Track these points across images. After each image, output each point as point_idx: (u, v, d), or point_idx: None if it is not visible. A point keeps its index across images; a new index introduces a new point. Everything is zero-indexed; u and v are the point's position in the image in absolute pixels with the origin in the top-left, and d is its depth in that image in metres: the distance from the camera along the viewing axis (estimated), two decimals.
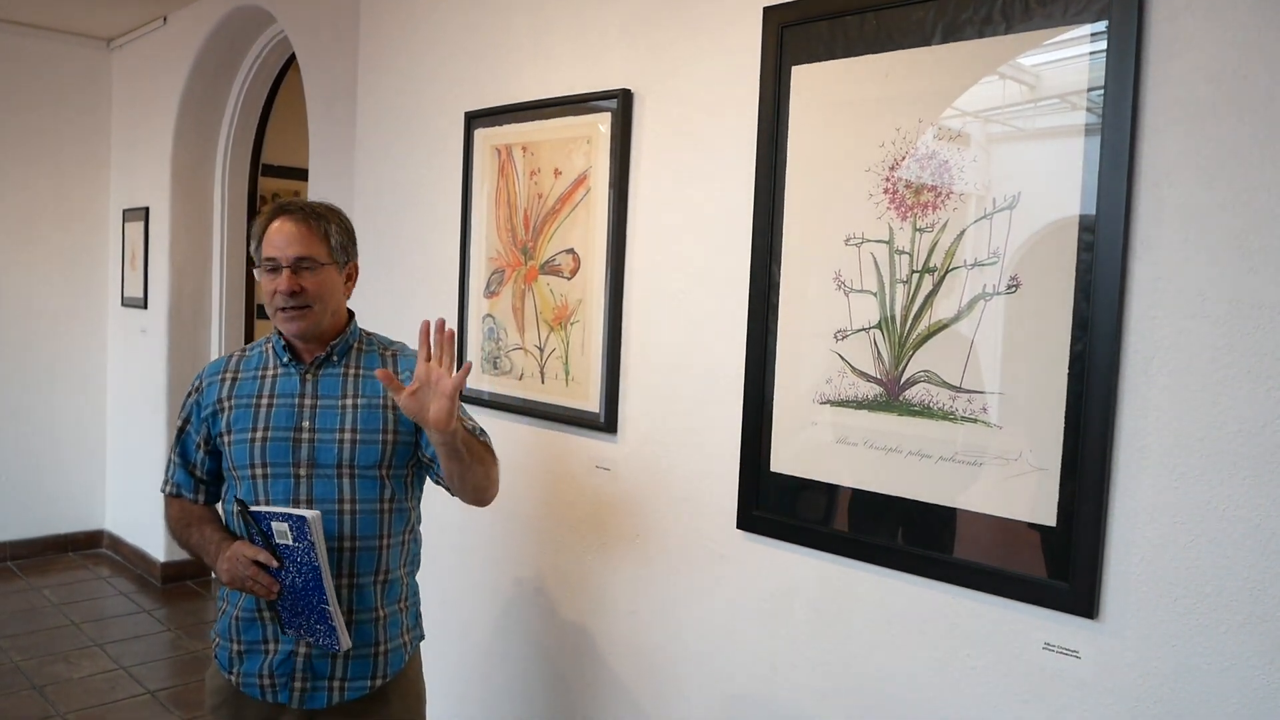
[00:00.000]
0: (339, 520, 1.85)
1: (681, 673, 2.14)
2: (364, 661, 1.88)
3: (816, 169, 1.83)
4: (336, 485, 1.86)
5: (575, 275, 2.35)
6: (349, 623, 1.84)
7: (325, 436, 1.87)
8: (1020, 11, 1.56)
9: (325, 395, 1.90)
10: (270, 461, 1.86)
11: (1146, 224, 1.44)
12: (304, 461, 1.86)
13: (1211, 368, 1.38)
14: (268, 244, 1.87)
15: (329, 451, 1.86)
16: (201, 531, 1.92)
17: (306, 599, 1.76)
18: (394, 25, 2.98)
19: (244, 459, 1.87)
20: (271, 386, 1.91)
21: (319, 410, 1.88)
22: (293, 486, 1.85)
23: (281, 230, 1.86)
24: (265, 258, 1.87)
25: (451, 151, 2.73)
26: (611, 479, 2.30)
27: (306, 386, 1.90)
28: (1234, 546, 1.37)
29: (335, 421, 1.88)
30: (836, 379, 1.80)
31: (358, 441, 1.87)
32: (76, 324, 5.56)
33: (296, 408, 1.89)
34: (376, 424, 1.89)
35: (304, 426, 1.87)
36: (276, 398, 1.90)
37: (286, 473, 1.85)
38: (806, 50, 1.84)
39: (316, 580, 1.73)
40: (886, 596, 1.76)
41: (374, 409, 1.90)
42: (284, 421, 1.87)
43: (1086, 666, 1.52)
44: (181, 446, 1.97)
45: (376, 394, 1.90)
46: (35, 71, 5.27)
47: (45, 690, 3.78)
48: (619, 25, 2.25)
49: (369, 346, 1.97)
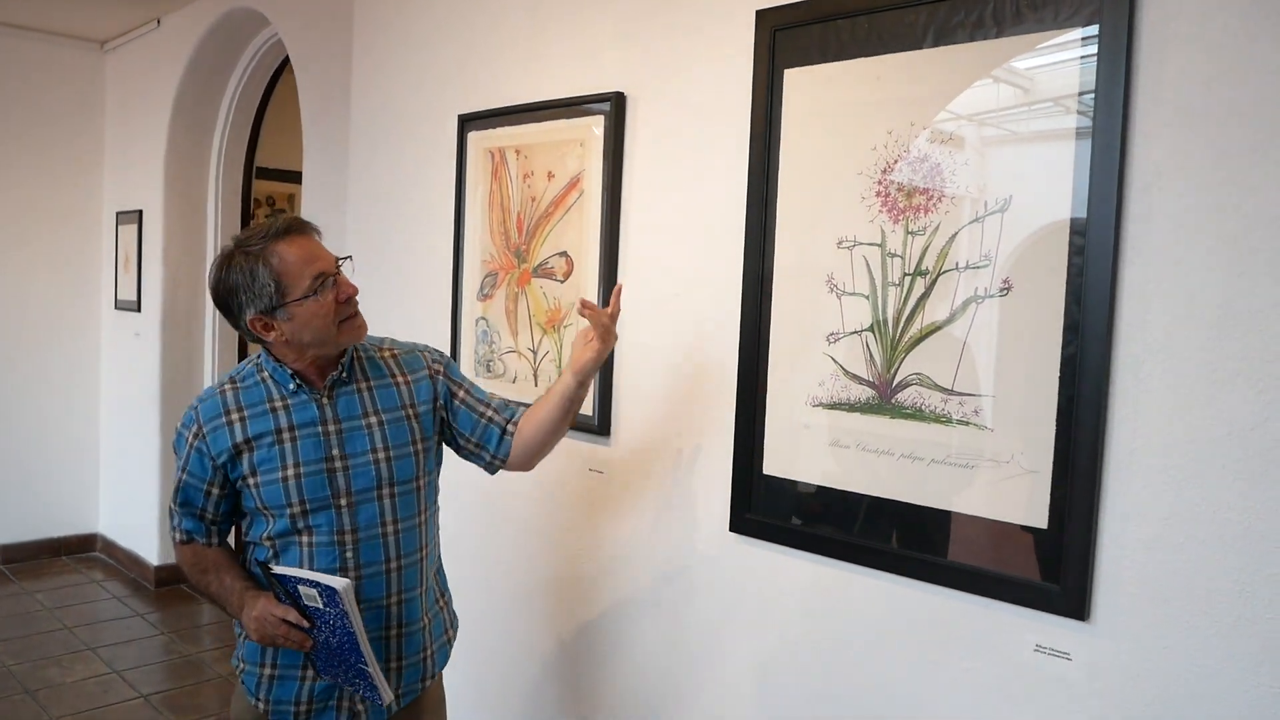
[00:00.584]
0: (384, 543, 1.81)
1: (674, 675, 2.14)
2: (415, 669, 1.88)
3: (809, 172, 1.84)
4: (378, 508, 1.81)
5: (568, 278, 2.35)
6: (399, 636, 1.83)
7: (359, 461, 1.80)
8: (1011, 15, 1.56)
9: (347, 417, 1.82)
10: (308, 498, 1.77)
11: (1137, 227, 1.44)
12: (342, 491, 1.78)
13: (1202, 370, 1.39)
14: (306, 264, 1.71)
15: (366, 476, 1.80)
16: (221, 580, 1.82)
17: (343, 657, 1.70)
18: (388, 28, 2.98)
19: (278, 499, 1.77)
20: (289, 418, 1.79)
21: (346, 435, 1.80)
22: (334, 518, 1.77)
23: (307, 245, 1.74)
24: (314, 278, 1.71)
25: (445, 154, 2.73)
26: (605, 482, 2.30)
27: (327, 412, 1.81)
28: (1224, 548, 1.37)
29: (365, 444, 1.81)
30: (829, 382, 1.80)
31: (392, 459, 1.83)
32: (69, 327, 5.55)
33: (322, 436, 1.79)
34: (405, 436, 1.85)
35: (334, 455, 1.79)
36: (299, 429, 1.78)
37: (326, 505, 1.78)
38: (799, 53, 1.85)
39: (352, 643, 1.67)
40: (879, 599, 1.77)
41: (399, 422, 1.85)
42: (313, 453, 1.78)
43: (1078, 668, 1.52)
44: (184, 496, 1.83)
45: (395, 404, 1.86)
46: (28, 73, 5.26)
47: (38, 694, 3.77)
48: (612, 28, 2.25)
49: (365, 353, 1.90)
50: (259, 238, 1.72)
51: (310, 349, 1.77)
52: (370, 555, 1.80)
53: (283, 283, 1.70)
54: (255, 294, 1.70)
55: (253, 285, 1.70)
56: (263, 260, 1.70)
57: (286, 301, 1.71)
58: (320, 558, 1.77)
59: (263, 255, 1.70)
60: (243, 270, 1.70)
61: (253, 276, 1.70)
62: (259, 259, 1.70)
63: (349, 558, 1.78)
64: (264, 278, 1.69)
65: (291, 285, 1.70)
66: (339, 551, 1.78)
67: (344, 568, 1.78)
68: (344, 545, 1.78)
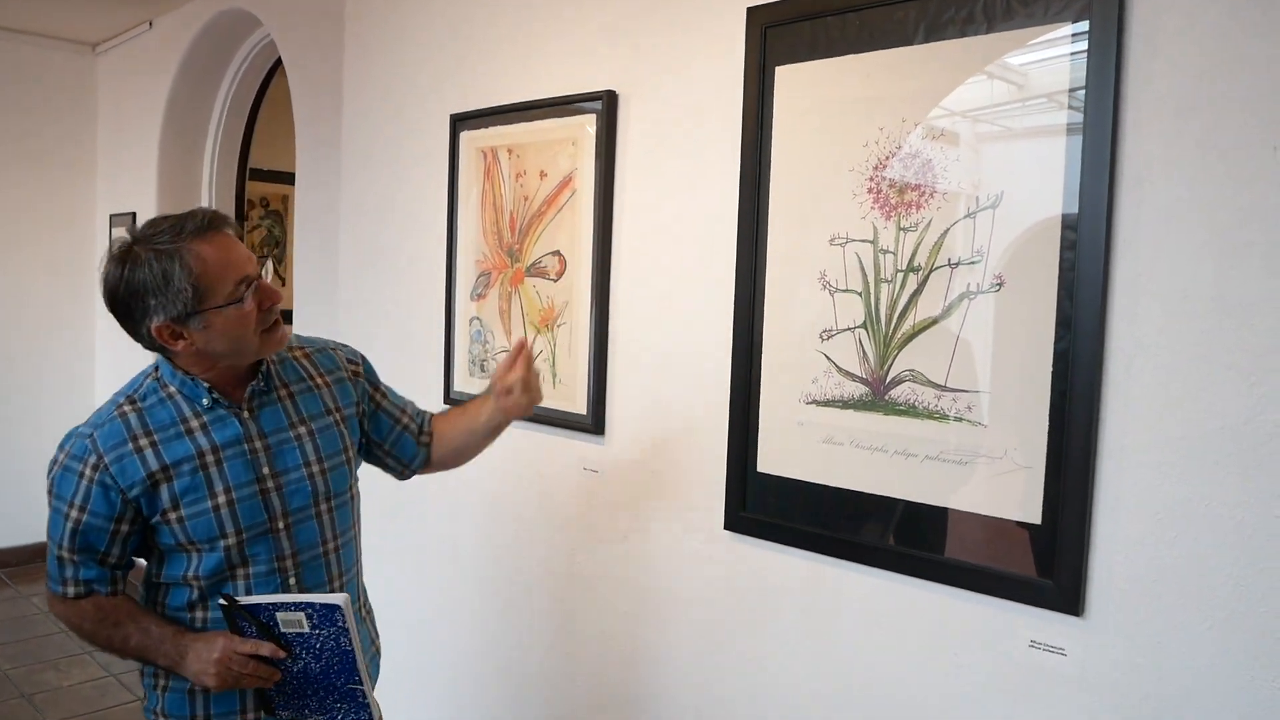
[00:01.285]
0: (326, 563, 1.70)
1: (670, 673, 2.14)
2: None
3: (801, 169, 1.84)
4: (318, 526, 1.69)
5: (561, 277, 2.35)
6: None
7: (293, 477, 1.66)
8: (1001, 11, 1.56)
9: (274, 430, 1.66)
10: (244, 526, 1.60)
11: (1128, 222, 1.44)
12: (279, 513, 1.64)
13: (1193, 364, 1.39)
14: (228, 267, 1.53)
15: (303, 493, 1.66)
16: (144, 628, 1.60)
17: (326, 682, 1.58)
18: (379, 28, 2.97)
19: (209, 531, 1.58)
20: (209, 439, 1.60)
21: (275, 450, 1.65)
22: (274, 545, 1.63)
23: (229, 245, 1.55)
24: (236, 283, 1.54)
25: (437, 154, 2.73)
26: (600, 480, 2.29)
27: (250, 427, 1.63)
28: (1217, 542, 1.37)
29: (296, 458, 1.67)
30: (822, 379, 1.80)
31: (327, 471, 1.70)
32: (64, 329, 5.54)
33: (250, 455, 1.62)
34: (337, 444, 1.74)
35: (265, 474, 1.63)
36: (223, 450, 1.60)
37: (265, 531, 1.62)
38: (790, 50, 1.84)
39: (345, 664, 1.55)
40: (873, 596, 1.77)
41: (329, 429, 1.73)
42: (243, 475, 1.61)
43: (1072, 664, 1.52)
44: (83, 540, 1.57)
45: (320, 409, 1.73)
46: (20, 76, 5.25)
47: (34, 698, 3.76)
48: (603, 27, 2.25)
49: (278, 356, 1.72)
50: (172, 233, 1.51)
51: (223, 360, 1.60)
52: (313, 578, 1.69)
53: (201, 287, 1.50)
54: (168, 298, 1.50)
55: (165, 288, 1.49)
56: (179, 260, 1.49)
57: (204, 308, 1.52)
58: (259, 590, 1.63)
59: (179, 254, 1.49)
60: (153, 270, 1.49)
61: (165, 278, 1.49)
62: (174, 259, 1.49)
63: (292, 584, 1.65)
64: (180, 280, 1.49)
65: (211, 290, 1.51)
66: (281, 580, 1.64)
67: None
68: (285, 572, 1.65)
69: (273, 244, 5.75)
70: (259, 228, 5.67)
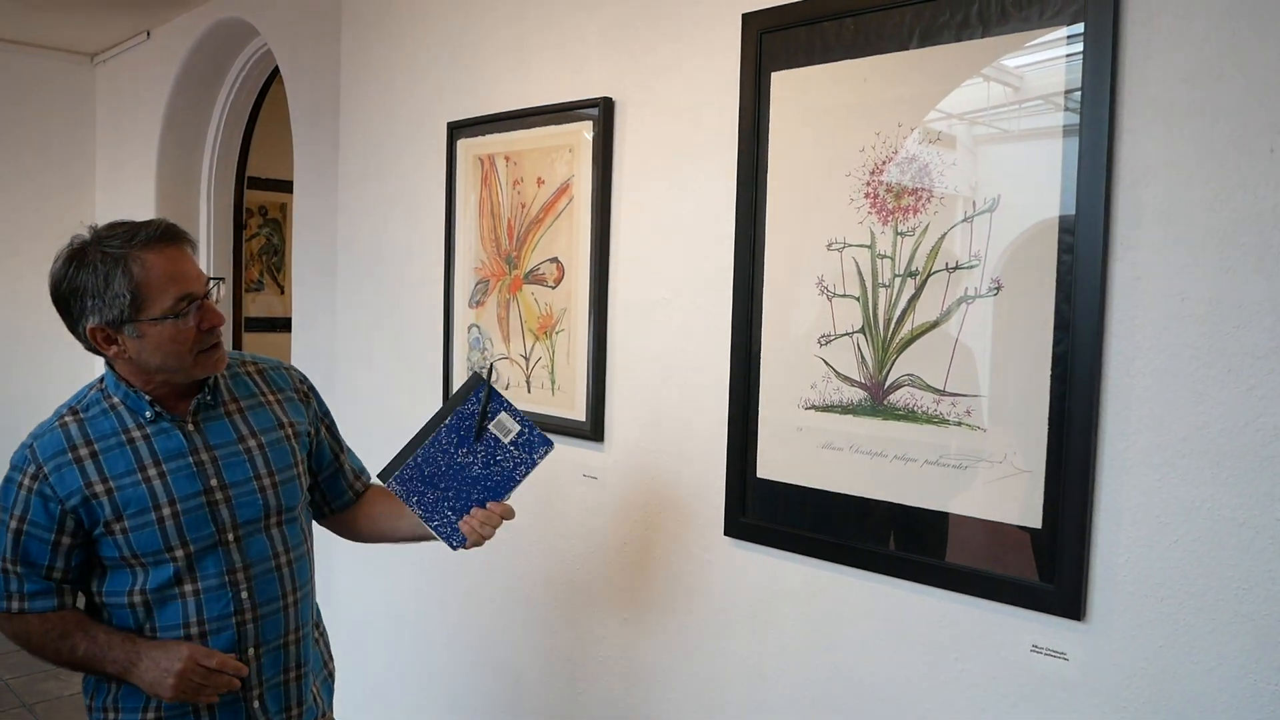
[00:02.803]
0: (279, 577, 1.68)
1: (671, 680, 2.13)
2: (310, 710, 1.77)
3: (798, 174, 1.83)
4: (268, 541, 1.67)
5: (559, 284, 2.35)
6: (297, 678, 1.72)
7: (243, 490, 1.63)
8: (997, 15, 1.56)
9: (220, 444, 1.63)
10: (191, 538, 1.57)
11: (1126, 225, 1.44)
12: (228, 525, 1.61)
13: (1193, 367, 1.38)
14: (172, 281, 1.52)
15: (253, 505, 1.64)
16: (92, 638, 1.57)
17: (463, 489, 1.68)
18: (376, 37, 2.98)
19: (153, 544, 1.55)
20: (150, 451, 1.58)
21: (223, 462, 1.62)
22: (224, 557, 1.60)
23: (178, 259, 1.54)
24: (178, 299, 1.52)
25: (434, 162, 2.73)
26: (599, 487, 2.29)
27: (195, 440, 1.61)
28: (1218, 546, 1.37)
29: (246, 470, 1.64)
30: (821, 384, 1.80)
31: (278, 485, 1.68)
32: (62, 341, 5.51)
33: (195, 467, 1.59)
34: (288, 458, 1.71)
35: (213, 485, 1.60)
36: (166, 462, 1.58)
37: (213, 544, 1.60)
38: (786, 56, 1.84)
39: (499, 486, 1.69)
40: (874, 601, 1.76)
41: (280, 443, 1.71)
42: (188, 487, 1.58)
43: (1074, 668, 1.51)
44: (23, 553, 1.54)
45: (272, 423, 1.72)
46: (18, 87, 5.26)
47: (36, 708, 3.76)
48: (599, 33, 2.25)
49: (228, 370, 1.72)
50: (123, 238, 1.51)
51: (157, 374, 1.58)
52: (266, 592, 1.66)
53: (140, 295, 1.50)
54: (104, 302, 1.50)
55: (104, 291, 1.49)
56: (123, 265, 1.49)
57: (139, 318, 1.51)
58: (211, 605, 1.60)
59: (124, 260, 1.49)
60: (96, 271, 1.49)
61: (106, 281, 1.49)
62: (119, 263, 1.49)
63: (244, 598, 1.62)
64: (119, 285, 1.49)
65: (150, 301, 1.50)
66: (233, 593, 1.61)
67: (239, 610, 1.62)
68: (237, 585, 1.62)
69: (271, 252, 5.75)
70: (257, 236, 5.67)
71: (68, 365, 5.53)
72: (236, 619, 1.62)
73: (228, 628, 1.62)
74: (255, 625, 1.65)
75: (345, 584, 3.11)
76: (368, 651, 3.03)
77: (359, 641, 3.05)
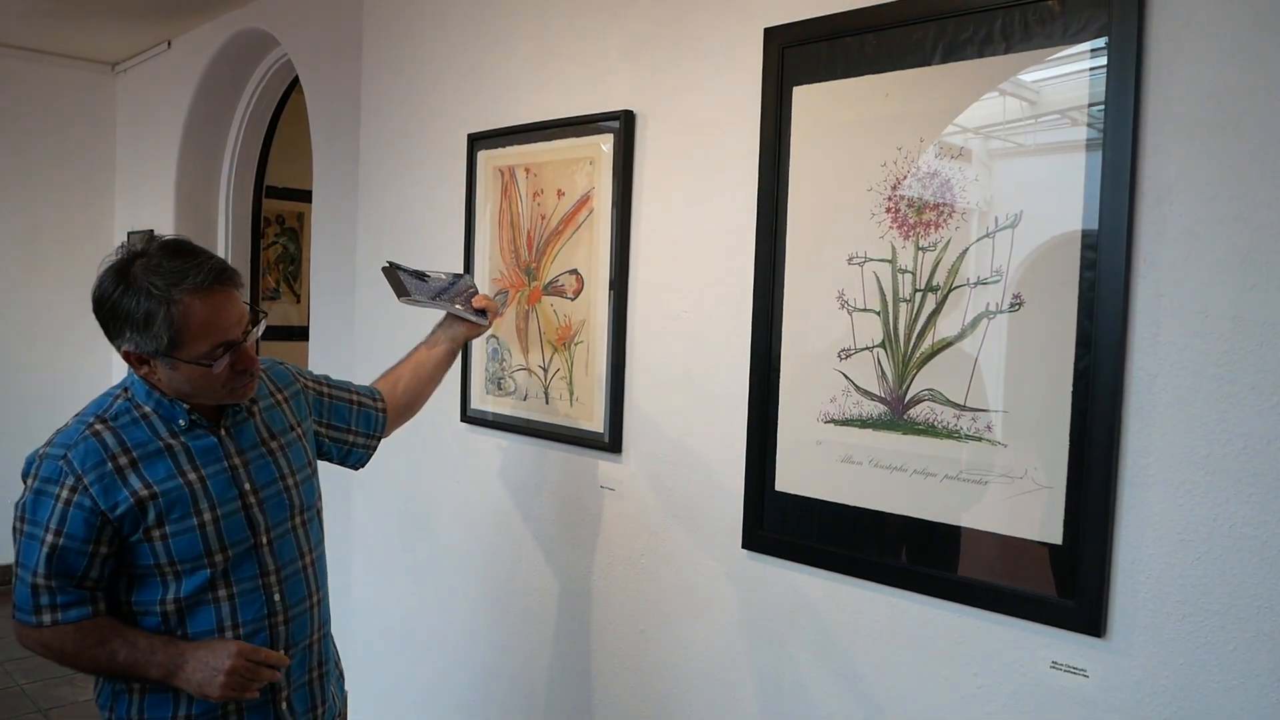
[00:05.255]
0: (305, 577, 1.72)
1: (688, 693, 2.13)
2: (331, 708, 1.81)
3: (818, 188, 1.84)
4: (295, 541, 1.71)
5: (579, 295, 2.36)
6: (320, 677, 1.76)
7: (271, 491, 1.67)
8: (1020, 31, 1.56)
9: (249, 447, 1.67)
10: (229, 543, 1.60)
11: (1149, 241, 1.44)
12: (263, 529, 1.65)
13: (1215, 384, 1.38)
14: (211, 331, 1.52)
15: (281, 506, 1.68)
16: (132, 642, 1.56)
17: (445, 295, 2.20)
18: (396, 48, 3.00)
19: (194, 549, 1.56)
20: (189, 457, 1.59)
21: (253, 465, 1.66)
22: (258, 561, 1.64)
23: (222, 306, 1.54)
24: (214, 346, 1.53)
25: (454, 173, 2.74)
26: (616, 498, 2.29)
27: (228, 445, 1.65)
28: (1241, 563, 1.36)
29: (272, 471, 1.69)
30: (840, 398, 1.80)
31: (299, 484, 1.73)
32: (81, 346, 5.58)
33: (230, 471, 1.63)
34: (303, 458, 1.77)
35: (247, 490, 1.64)
36: (204, 467, 1.60)
37: (249, 549, 1.63)
38: (807, 71, 1.85)
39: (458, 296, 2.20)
40: (892, 615, 1.76)
41: (294, 443, 1.75)
42: (225, 492, 1.61)
43: (1094, 685, 1.51)
44: (60, 565, 1.52)
45: (285, 424, 1.76)
46: (40, 96, 5.32)
47: (51, 714, 3.77)
48: (620, 47, 2.26)
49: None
50: (170, 278, 1.50)
51: (188, 397, 1.60)
52: (295, 593, 1.70)
53: (178, 339, 1.50)
54: (143, 337, 1.51)
55: (143, 328, 1.50)
56: (166, 308, 1.49)
57: (174, 355, 1.52)
58: (245, 609, 1.62)
59: (168, 303, 1.49)
60: (138, 305, 1.49)
61: (147, 320, 1.49)
62: (162, 305, 1.49)
63: (277, 601, 1.66)
64: (159, 326, 1.49)
65: (187, 344, 1.51)
66: (266, 596, 1.64)
67: (273, 613, 1.65)
68: (270, 589, 1.65)
69: (287, 261, 5.78)
70: (274, 245, 5.71)
71: (84, 371, 5.58)
72: (270, 621, 1.66)
73: (261, 630, 1.65)
74: (286, 627, 1.69)
75: (361, 593, 3.12)
76: (383, 661, 3.03)
77: (375, 651, 3.06)
